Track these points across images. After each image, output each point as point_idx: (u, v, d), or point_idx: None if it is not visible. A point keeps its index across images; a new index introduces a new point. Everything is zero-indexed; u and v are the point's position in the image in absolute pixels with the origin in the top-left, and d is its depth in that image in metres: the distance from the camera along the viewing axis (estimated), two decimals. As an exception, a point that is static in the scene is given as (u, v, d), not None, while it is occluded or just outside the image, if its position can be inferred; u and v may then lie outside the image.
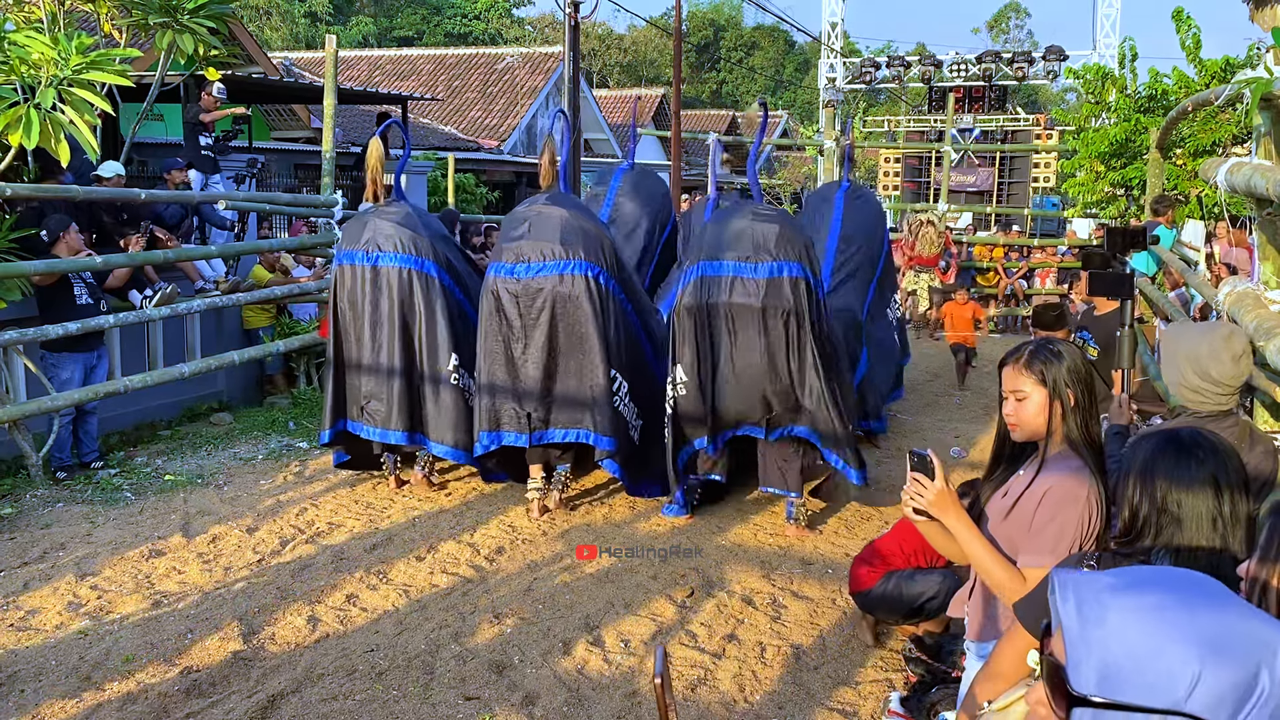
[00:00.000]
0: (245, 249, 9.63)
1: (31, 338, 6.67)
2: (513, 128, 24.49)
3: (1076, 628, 1.02)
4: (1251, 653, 0.98)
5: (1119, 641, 0.99)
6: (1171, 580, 1.06)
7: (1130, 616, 1.00)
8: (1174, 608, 1.00)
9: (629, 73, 49.43)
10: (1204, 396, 2.93)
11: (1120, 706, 0.99)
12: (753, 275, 5.85)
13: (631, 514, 6.50)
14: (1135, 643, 0.99)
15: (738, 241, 5.91)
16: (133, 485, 6.91)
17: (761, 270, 5.84)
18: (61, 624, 4.75)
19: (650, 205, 8.36)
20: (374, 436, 6.74)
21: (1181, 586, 1.04)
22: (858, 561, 4.64)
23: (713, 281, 5.95)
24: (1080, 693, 1.01)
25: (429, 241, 6.68)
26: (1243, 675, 0.97)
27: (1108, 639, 1.00)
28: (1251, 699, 0.97)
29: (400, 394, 6.60)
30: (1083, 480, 2.46)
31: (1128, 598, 1.02)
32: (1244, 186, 4.18)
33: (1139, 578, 1.06)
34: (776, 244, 5.85)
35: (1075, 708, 1.02)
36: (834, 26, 27.07)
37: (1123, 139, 12.89)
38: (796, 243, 5.94)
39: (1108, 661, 1.00)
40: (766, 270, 5.84)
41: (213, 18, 9.03)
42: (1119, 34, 24.30)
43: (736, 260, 5.89)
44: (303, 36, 40.25)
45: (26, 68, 6.54)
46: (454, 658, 4.46)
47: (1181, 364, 2.96)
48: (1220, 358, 2.89)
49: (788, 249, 5.86)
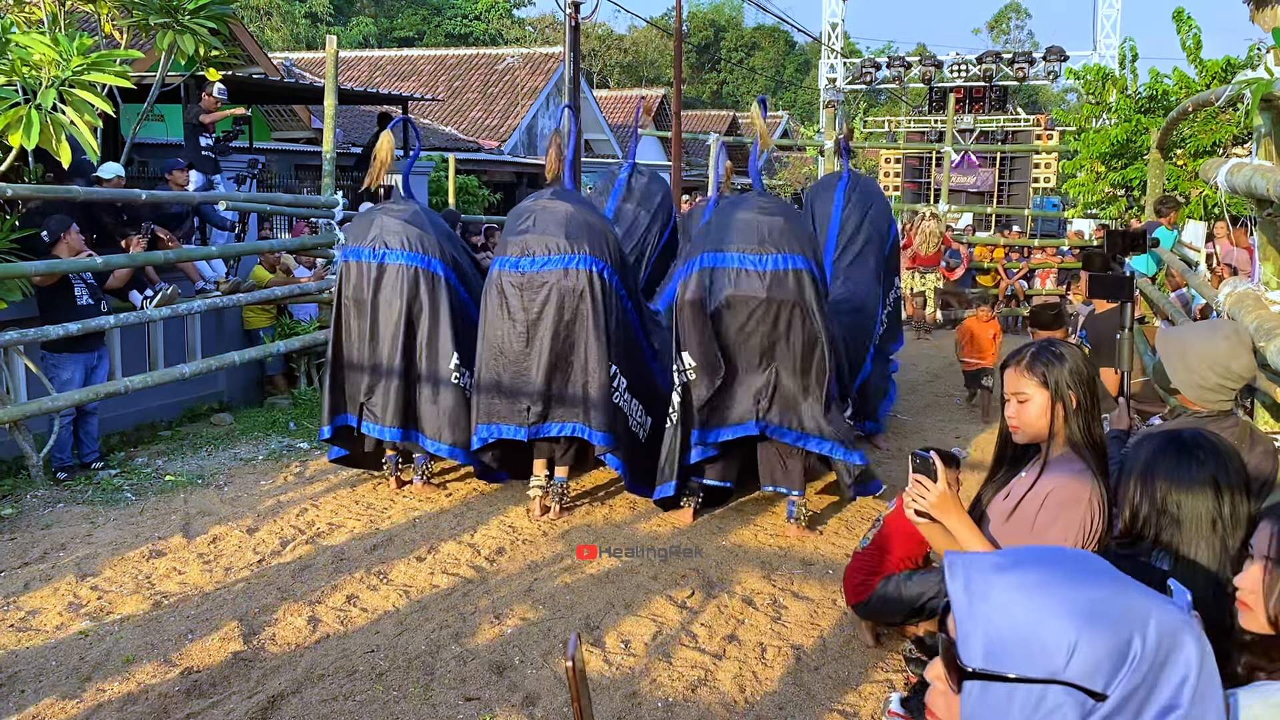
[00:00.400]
0: (246, 249, 9.63)
1: (32, 338, 6.67)
2: (513, 128, 24.50)
3: (964, 605, 1.08)
4: (1124, 621, 1.04)
5: (1003, 616, 1.05)
6: (1053, 558, 1.11)
7: (1012, 593, 1.05)
8: (1053, 583, 1.06)
9: (629, 73, 49.43)
10: (1221, 395, 2.93)
11: (1005, 678, 1.04)
12: (758, 267, 5.84)
13: (632, 514, 6.49)
14: (1017, 617, 1.04)
15: (743, 233, 5.90)
16: (133, 486, 6.91)
17: (767, 262, 5.83)
18: (62, 624, 4.75)
19: (651, 206, 8.36)
20: (372, 433, 6.75)
21: (1061, 564, 1.10)
22: (850, 574, 4.64)
23: (717, 273, 5.94)
24: (968, 666, 1.06)
25: (436, 240, 6.68)
26: (1116, 642, 1.03)
27: (992, 614, 1.05)
28: (1126, 663, 1.02)
29: (399, 392, 6.61)
30: (1085, 482, 2.46)
31: (1010, 575, 1.07)
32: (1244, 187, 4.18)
33: (1022, 556, 1.11)
34: (782, 236, 5.85)
35: (965, 680, 1.06)
36: (834, 27, 27.07)
37: (1123, 139, 12.89)
38: (801, 236, 5.95)
39: (992, 636, 1.05)
40: (772, 262, 5.83)
41: (213, 18, 9.03)
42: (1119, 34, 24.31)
43: (741, 252, 5.88)
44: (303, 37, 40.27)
45: (27, 69, 6.55)
46: (454, 658, 4.46)
47: (1197, 366, 2.93)
48: (1238, 352, 2.91)
49: (793, 242, 5.87)
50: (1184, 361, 2.95)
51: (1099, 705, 1.03)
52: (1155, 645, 1.04)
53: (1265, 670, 1.74)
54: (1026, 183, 23.45)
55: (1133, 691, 1.03)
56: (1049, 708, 1.03)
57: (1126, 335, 4.19)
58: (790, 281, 5.83)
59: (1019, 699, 1.04)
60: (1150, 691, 1.04)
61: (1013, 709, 1.04)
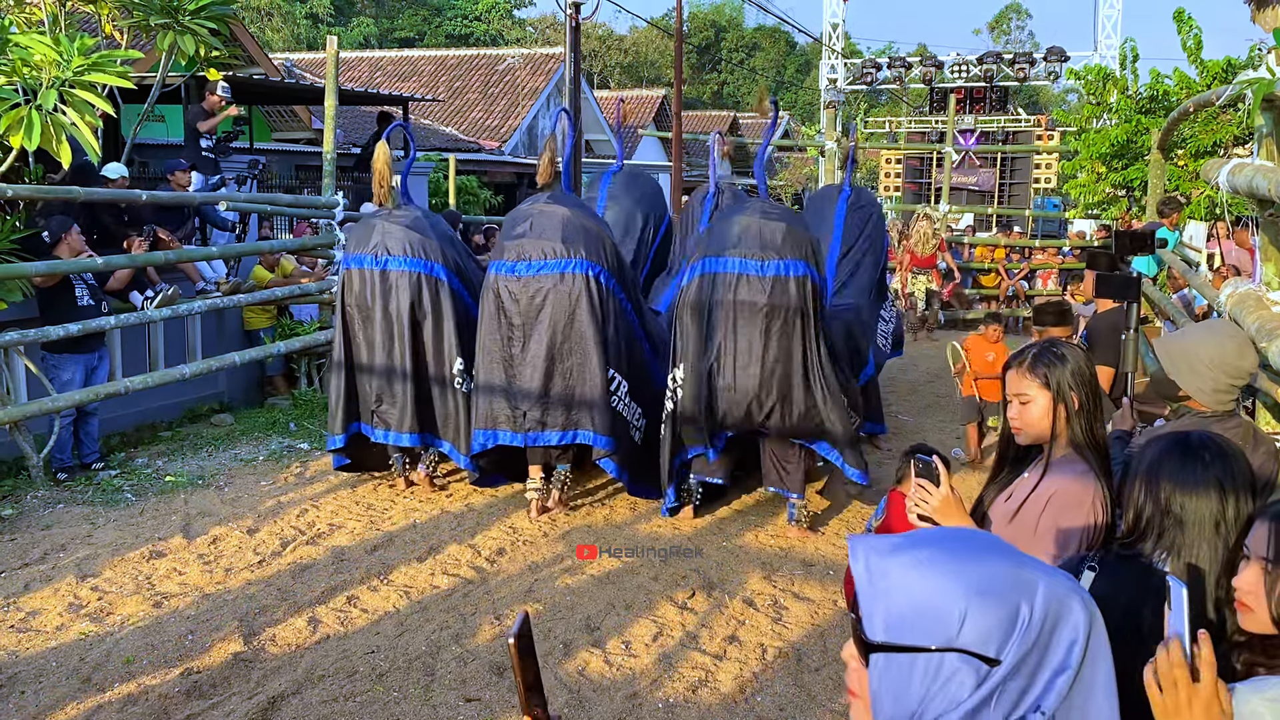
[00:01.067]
0: (246, 250, 9.63)
1: (32, 339, 6.67)
2: (514, 129, 24.49)
3: (866, 584, 1.15)
4: (1012, 591, 1.11)
5: (900, 592, 1.13)
6: (946, 537, 1.20)
7: (908, 570, 1.13)
8: (943, 560, 1.14)
9: (630, 74, 49.44)
10: (1229, 395, 2.94)
11: (905, 648, 1.11)
12: (759, 273, 5.82)
13: (632, 515, 6.49)
14: (913, 592, 1.12)
15: (744, 238, 5.88)
16: (133, 486, 6.91)
17: (769, 268, 5.81)
18: (62, 625, 4.75)
19: (642, 205, 8.33)
20: (385, 439, 6.75)
21: (954, 542, 1.18)
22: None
23: (718, 278, 5.93)
24: (872, 639, 1.13)
25: (438, 245, 6.68)
26: (1005, 610, 1.10)
27: (891, 591, 1.13)
28: (1016, 629, 1.10)
29: (410, 397, 6.61)
30: (1087, 484, 2.46)
31: (906, 555, 1.15)
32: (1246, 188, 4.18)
33: (918, 538, 1.20)
34: (784, 242, 5.83)
35: (870, 654, 1.14)
36: (835, 27, 27.05)
37: (1124, 140, 12.88)
38: (803, 242, 5.92)
39: (892, 610, 1.13)
40: (773, 268, 5.81)
41: (214, 19, 9.03)
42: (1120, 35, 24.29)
43: (742, 257, 5.86)
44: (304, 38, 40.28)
45: (28, 69, 6.54)
46: (455, 659, 4.46)
47: (1206, 370, 2.91)
48: (1245, 351, 2.93)
49: (795, 248, 5.84)
50: (1191, 366, 2.93)
51: (993, 670, 1.10)
52: (1044, 612, 1.11)
53: (1264, 667, 1.74)
54: (1027, 183, 23.43)
55: (1024, 655, 1.10)
56: (947, 674, 1.10)
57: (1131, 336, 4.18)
58: (792, 288, 5.81)
59: (919, 668, 1.11)
60: (1042, 655, 1.11)
61: (914, 677, 1.11)
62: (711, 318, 5.96)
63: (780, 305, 5.81)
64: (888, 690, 1.13)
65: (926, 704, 1.11)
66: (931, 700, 1.11)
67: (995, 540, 1.21)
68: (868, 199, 8.79)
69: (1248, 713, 1.61)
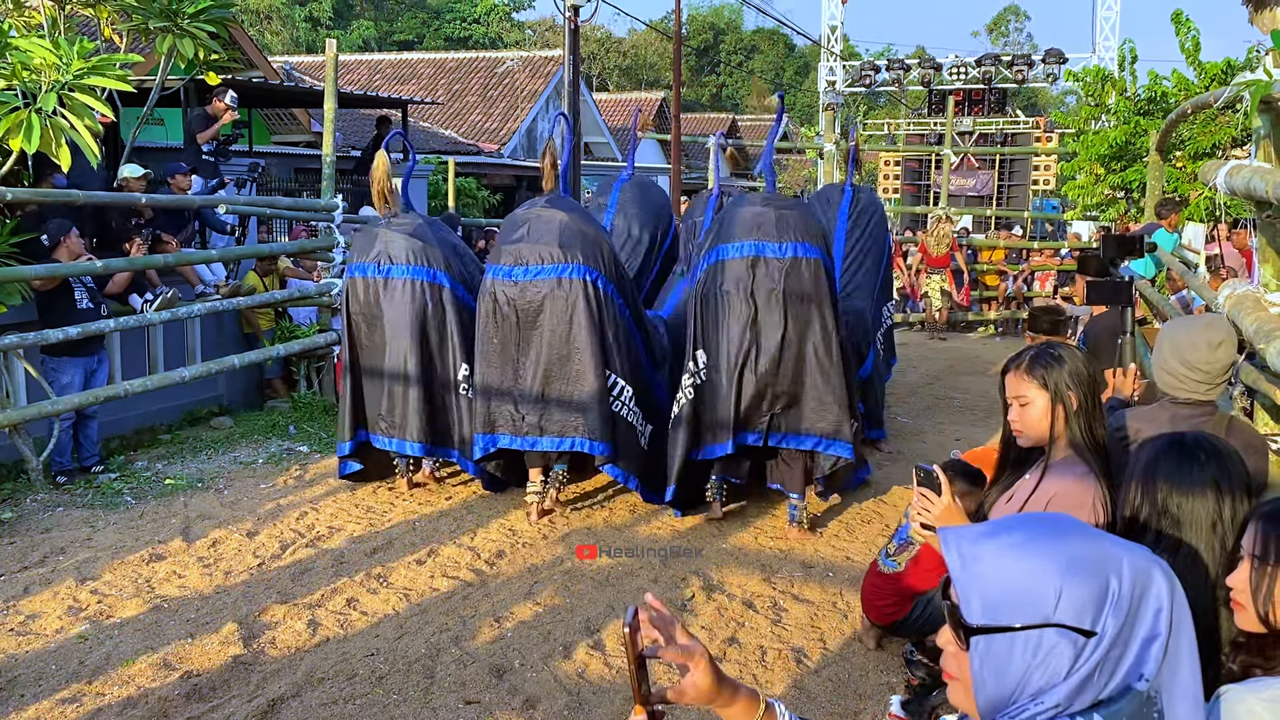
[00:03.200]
0: (245, 253, 9.63)
1: (32, 342, 6.68)
2: (513, 131, 24.49)
3: (960, 571, 1.21)
4: (1100, 566, 1.17)
5: (994, 576, 1.19)
6: (1031, 521, 1.25)
7: (1000, 554, 1.19)
8: (1033, 541, 1.20)
9: (629, 76, 49.46)
10: (1179, 381, 2.99)
11: (1005, 629, 1.17)
12: (778, 255, 5.79)
13: (631, 517, 6.49)
14: (1007, 574, 1.18)
15: (758, 224, 5.87)
16: (133, 489, 6.91)
17: (786, 250, 5.79)
18: (61, 628, 4.75)
19: (649, 214, 8.35)
20: (390, 447, 6.75)
21: (1039, 525, 1.24)
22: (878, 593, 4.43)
23: (735, 264, 5.89)
24: (971, 623, 1.19)
25: (441, 252, 6.69)
26: (1096, 584, 1.16)
27: (985, 575, 1.19)
28: (1108, 602, 1.16)
29: (417, 405, 6.61)
30: (1088, 486, 2.47)
31: (995, 540, 1.21)
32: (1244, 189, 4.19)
33: (1004, 524, 1.25)
34: (797, 227, 5.83)
35: (970, 637, 1.20)
36: (833, 30, 27.07)
37: (1122, 141, 12.89)
38: (816, 228, 5.93)
39: (987, 594, 1.18)
40: (791, 250, 5.79)
41: (213, 22, 9.03)
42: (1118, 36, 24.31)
43: (759, 240, 5.83)
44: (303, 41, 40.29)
45: (28, 73, 6.55)
46: (454, 661, 4.46)
47: (1164, 349, 3.06)
48: (1196, 344, 2.95)
49: (808, 233, 5.85)
50: (1159, 345, 3.06)
51: (1090, 641, 1.15)
52: (1131, 584, 1.17)
53: (1261, 668, 1.75)
54: (1026, 185, 23.47)
55: (1119, 627, 1.16)
56: (1046, 649, 1.16)
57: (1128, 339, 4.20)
58: (809, 270, 5.80)
59: (1019, 646, 1.16)
60: (1134, 624, 1.17)
61: (1014, 655, 1.17)
62: (727, 303, 5.93)
63: (796, 290, 5.79)
64: (989, 670, 1.18)
65: (1027, 679, 1.16)
66: (1032, 675, 1.16)
67: (1074, 520, 1.27)
68: (869, 198, 8.78)
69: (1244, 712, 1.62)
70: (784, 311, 5.86)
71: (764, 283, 5.83)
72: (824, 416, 5.96)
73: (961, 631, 1.21)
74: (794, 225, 5.83)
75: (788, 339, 5.90)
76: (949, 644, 1.26)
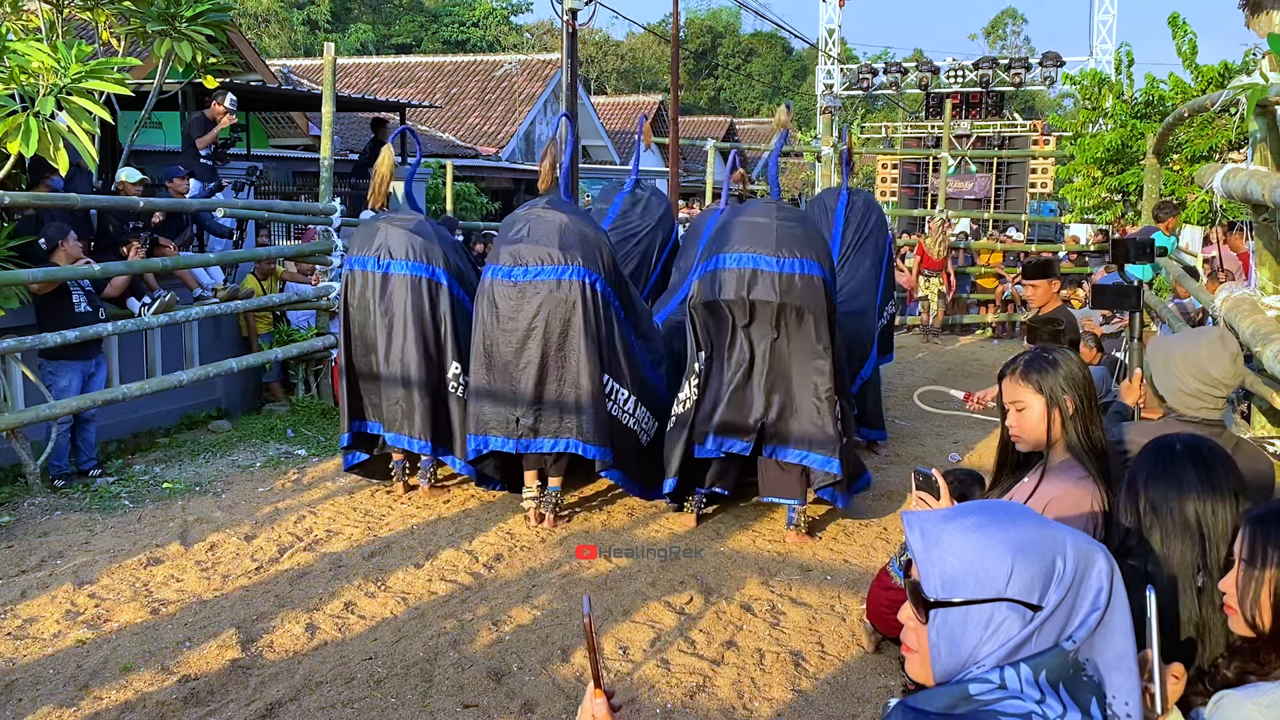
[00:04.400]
0: (243, 256, 9.63)
1: (30, 345, 6.67)
2: (511, 135, 24.51)
3: (921, 550, 1.33)
4: (1047, 547, 1.29)
5: (952, 554, 1.30)
6: (985, 508, 1.37)
7: (958, 535, 1.31)
8: (988, 525, 1.31)
9: (627, 79, 49.48)
10: (1202, 400, 2.89)
11: (960, 603, 1.29)
12: (776, 270, 5.76)
13: (629, 520, 6.49)
14: (963, 553, 1.30)
15: (758, 236, 5.84)
16: (131, 493, 6.90)
17: (785, 265, 5.76)
18: (59, 632, 4.74)
19: (650, 221, 8.35)
20: (399, 444, 6.78)
21: (994, 511, 1.35)
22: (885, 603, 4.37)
23: (732, 274, 5.87)
24: (930, 597, 1.31)
25: (441, 250, 6.70)
26: (1044, 564, 1.28)
27: (944, 554, 1.31)
28: (1054, 579, 1.28)
29: (417, 401, 6.63)
30: (1086, 490, 2.48)
31: (954, 522, 1.33)
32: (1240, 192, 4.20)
33: (961, 509, 1.37)
34: (797, 241, 5.80)
35: (929, 610, 1.31)
36: (831, 33, 27.12)
37: (1119, 144, 12.90)
38: (817, 242, 5.91)
39: (946, 571, 1.30)
40: (790, 266, 5.76)
41: (211, 25, 9.03)
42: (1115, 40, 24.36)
43: (757, 253, 5.81)
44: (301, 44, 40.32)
45: (25, 76, 6.55)
46: (452, 665, 4.46)
47: (1179, 369, 2.93)
48: (1219, 357, 2.88)
49: (809, 247, 5.83)
50: (1168, 367, 2.96)
51: (1036, 614, 1.27)
52: (1074, 564, 1.29)
53: (1255, 674, 1.76)
54: (1023, 188, 23.48)
55: (1061, 600, 1.28)
56: (998, 621, 1.27)
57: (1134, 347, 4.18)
58: (803, 285, 5.77)
59: (973, 618, 1.28)
60: (1076, 599, 1.29)
61: (969, 627, 1.28)
62: (724, 313, 5.94)
63: (792, 304, 5.77)
64: (945, 640, 1.30)
65: (979, 648, 1.28)
66: (983, 645, 1.28)
67: (1023, 508, 1.39)
68: (865, 200, 8.76)
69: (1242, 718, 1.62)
70: (778, 325, 5.85)
71: (760, 295, 5.79)
72: (815, 432, 5.93)
73: (922, 606, 1.32)
74: (794, 239, 5.79)
75: (779, 353, 5.91)
76: (909, 619, 1.37)
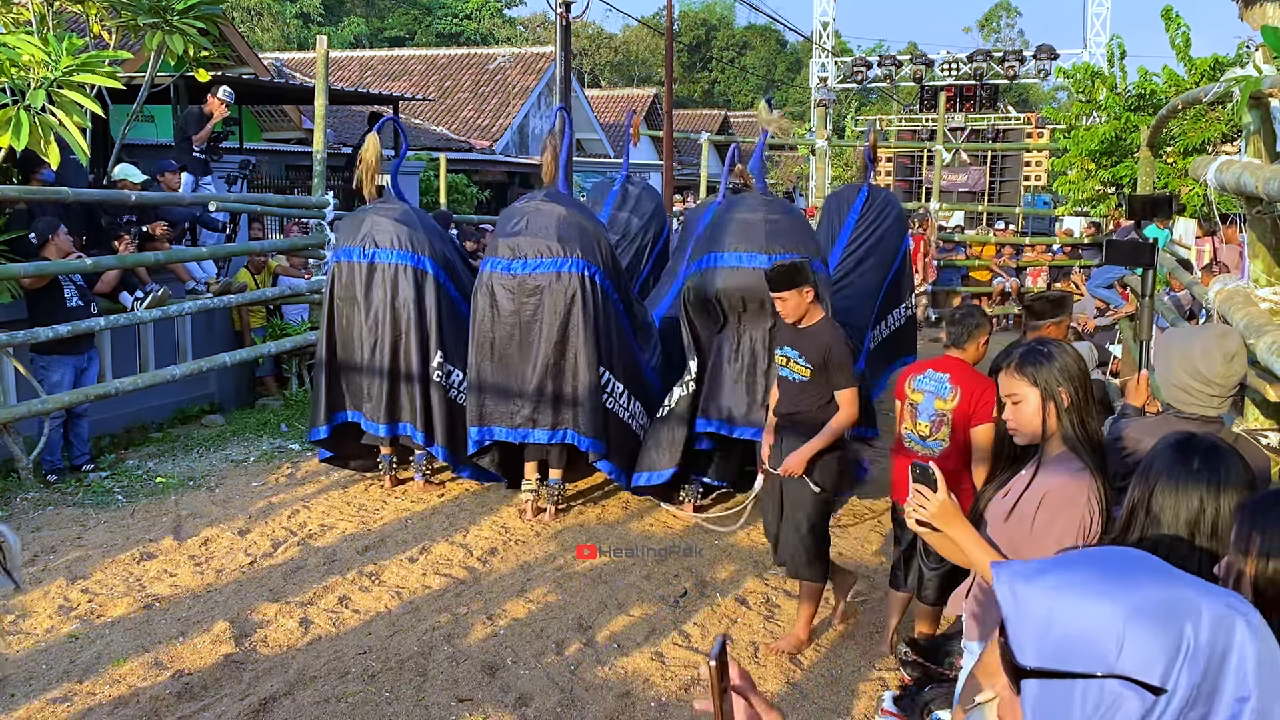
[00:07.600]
0: (236, 250, 9.60)
1: (21, 340, 6.64)
2: (505, 128, 24.45)
3: (1013, 609, 1.11)
4: (1173, 614, 1.05)
5: (1049, 616, 1.09)
6: (1093, 559, 1.15)
7: (1055, 594, 1.10)
8: (1094, 582, 1.09)
9: (620, 72, 49.41)
10: (1192, 396, 2.88)
11: (1058, 674, 1.07)
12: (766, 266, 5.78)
13: (625, 514, 6.49)
14: (1063, 615, 1.08)
15: (749, 233, 5.88)
16: (124, 488, 6.88)
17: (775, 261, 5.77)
18: (52, 627, 4.73)
19: (644, 215, 8.34)
20: (370, 429, 6.78)
21: (1102, 562, 1.14)
22: None
23: (722, 272, 5.91)
24: (1024, 665, 1.09)
25: (426, 238, 6.69)
26: (1167, 634, 1.04)
27: (1039, 615, 1.09)
28: (1180, 655, 1.04)
29: (396, 389, 6.62)
30: (1082, 482, 2.48)
31: (1052, 578, 1.12)
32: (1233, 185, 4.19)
33: (1063, 561, 1.16)
34: (787, 237, 5.84)
35: (1022, 679, 1.10)
36: (825, 26, 27.08)
37: (1113, 137, 12.91)
38: (806, 237, 5.94)
39: (1042, 635, 1.09)
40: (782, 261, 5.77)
41: (203, 19, 8.99)
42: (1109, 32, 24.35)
43: (747, 251, 5.84)
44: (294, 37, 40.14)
45: (16, 69, 6.51)
46: (447, 659, 4.45)
47: (1173, 362, 2.92)
48: (1212, 356, 2.86)
49: (799, 242, 5.84)
50: (1165, 357, 2.96)
51: (1160, 699, 1.03)
52: (1210, 637, 1.05)
53: None
54: (1018, 181, 23.48)
55: (1196, 685, 1.04)
56: (1109, 702, 1.05)
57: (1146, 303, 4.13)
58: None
59: (1079, 694, 1.06)
60: (1217, 682, 1.04)
61: (1074, 705, 1.06)
62: (715, 310, 5.97)
63: None
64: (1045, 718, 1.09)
65: None
66: None
67: (1145, 557, 1.16)
68: (885, 199, 8.51)
69: None
70: (774, 314, 5.85)
71: (753, 292, 5.81)
72: None
73: (1013, 672, 1.12)
74: (784, 234, 5.84)
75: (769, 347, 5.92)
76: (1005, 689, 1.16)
